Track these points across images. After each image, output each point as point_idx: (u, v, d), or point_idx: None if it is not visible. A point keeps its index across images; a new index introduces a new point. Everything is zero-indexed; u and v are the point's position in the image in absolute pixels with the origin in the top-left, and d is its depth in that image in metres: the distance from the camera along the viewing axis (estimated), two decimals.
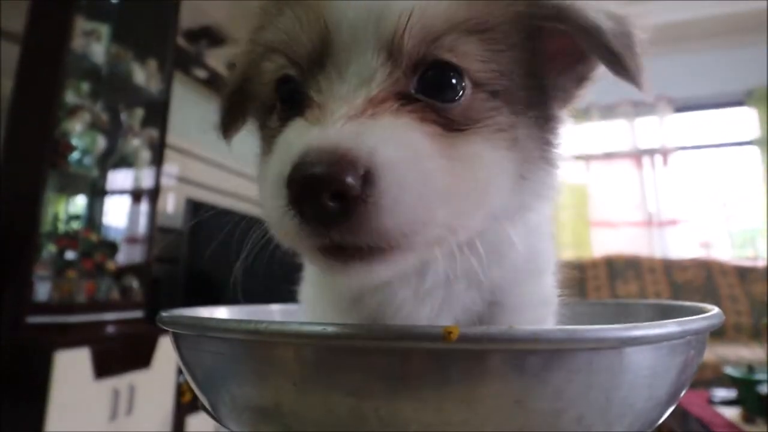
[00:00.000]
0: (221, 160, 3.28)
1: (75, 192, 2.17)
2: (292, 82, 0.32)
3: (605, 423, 0.27)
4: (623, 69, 0.31)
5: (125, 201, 2.35)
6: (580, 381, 0.26)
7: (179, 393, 2.12)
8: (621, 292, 3.28)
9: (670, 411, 0.32)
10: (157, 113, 2.37)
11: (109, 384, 1.78)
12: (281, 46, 0.32)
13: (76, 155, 1.99)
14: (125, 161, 2.28)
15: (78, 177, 2.09)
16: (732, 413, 1.65)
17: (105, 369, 1.76)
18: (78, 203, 2.21)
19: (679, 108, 3.78)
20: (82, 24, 1.99)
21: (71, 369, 1.65)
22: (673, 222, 3.70)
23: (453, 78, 0.29)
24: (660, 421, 0.32)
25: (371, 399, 0.26)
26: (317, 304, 0.41)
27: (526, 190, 0.33)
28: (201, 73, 3.07)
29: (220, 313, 0.49)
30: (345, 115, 0.25)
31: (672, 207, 3.71)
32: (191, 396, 2.12)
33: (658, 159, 3.79)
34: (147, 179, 2.34)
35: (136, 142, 2.28)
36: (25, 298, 1.72)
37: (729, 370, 1.78)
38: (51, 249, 1.91)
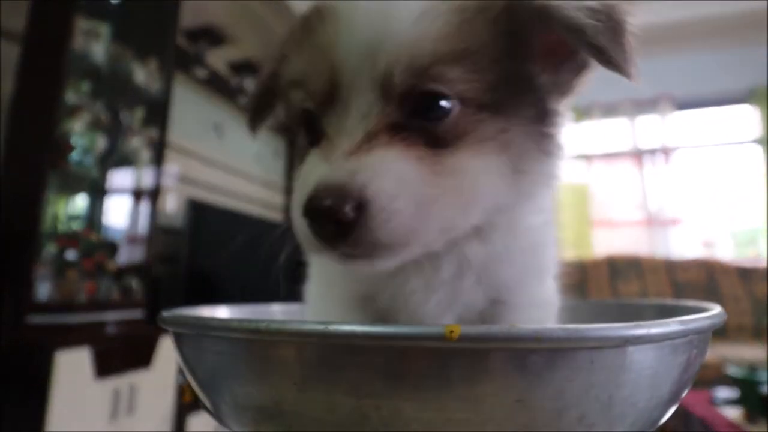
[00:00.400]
0: (222, 159, 3.28)
1: (75, 192, 2.17)
2: (311, 113, 0.37)
3: (607, 422, 0.27)
4: (610, 63, 0.31)
5: (126, 201, 2.34)
6: (581, 380, 0.26)
7: (180, 393, 2.13)
8: (622, 291, 3.28)
9: (672, 411, 0.32)
10: (158, 113, 2.37)
11: (110, 384, 1.78)
12: (300, 82, 0.37)
13: (76, 155, 1.99)
14: (126, 161, 2.27)
15: (78, 177, 2.09)
16: (734, 413, 1.65)
17: (105, 369, 1.76)
18: (78, 203, 2.21)
19: (681, 106, 3.78)
20: (82, 23, 1.99)
21: (72, 369, 1.65)
22: (675, 221, 3.70)
23: (440, 101, 0.33)
24: (662, 421, 0.32)
25: (372, 398, 0.26)
26: (323, 302, 0.43)
27: (524, 181, 0.36)
28: (201, 73, 3.07)
29: (221, 313, 0.49)
30: (347, 151, 0.31)
31: (673, 206, 3.70)
32: (192, 396, 2.13)
33: (659, 158, 3.78)
34: (147, 179, 2.34)
35: (136, 141, 2.28)
36: (26, 297, 1.72)
37: (731, 370, 1.78)
38: (51, 249, 1.91)
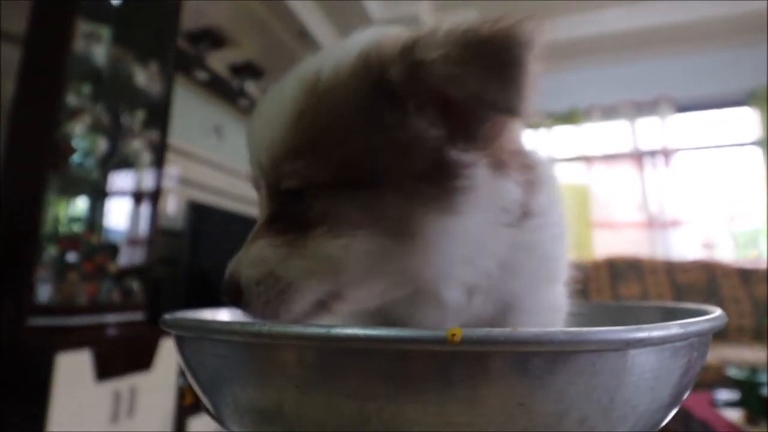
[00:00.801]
0: (222, 161, 3.28)
1: (76, 194, 2.17)
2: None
3: (608, 425, 0.27)
4: (496, 109, 0.28)
5: (126, 203, 2.35)
6: (583, 383, 0.26)
7: (180, 395, 2.12)
8: (623, 293, 3.28)
9: (673, 413, 0.32)
10: (158, 115, 2.37)
11: (111, 386, 1.78)
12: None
13: (77, 157, 2.00)
14: (126, 163, 2.27)
15: (79, 179, 2.09)
16: (734, 415, 1.65)
17: (106, 371, 1.76)
18: (79, 205, 2.21)
19: (681, 108, 3.78)
20: (83, 26, 2.00)
21: (72, 371, 1.65)
22: (675, 223, 3.69)
23: (298, 192, 0.33)
24: (663, 424, 0.32)
25: (374, 401, 0.26)
26: None
27: (417, 243, 0.31)
28: (202, 75, 3.07)
29: (222, 315, 0.49)
30: (247, 241, 0.35)
31: (674, 208, 3.70)
32: (192, 398, 2.12)
33: (659, 159, 3.78)
34: (148, 181, 2.34)
35: (137, 143, 2.28)
36: (26, 300, 1.72)
37: (731, 371, 1.77)
38: (52, 251, 1.91)
